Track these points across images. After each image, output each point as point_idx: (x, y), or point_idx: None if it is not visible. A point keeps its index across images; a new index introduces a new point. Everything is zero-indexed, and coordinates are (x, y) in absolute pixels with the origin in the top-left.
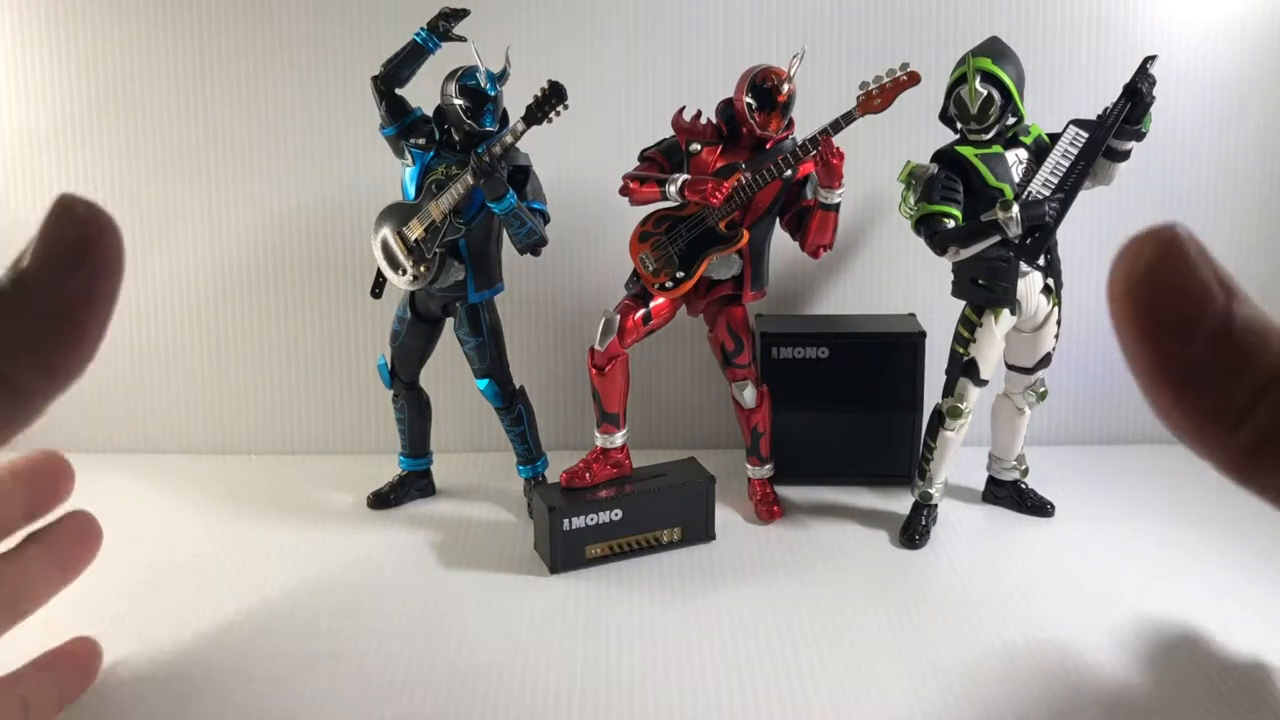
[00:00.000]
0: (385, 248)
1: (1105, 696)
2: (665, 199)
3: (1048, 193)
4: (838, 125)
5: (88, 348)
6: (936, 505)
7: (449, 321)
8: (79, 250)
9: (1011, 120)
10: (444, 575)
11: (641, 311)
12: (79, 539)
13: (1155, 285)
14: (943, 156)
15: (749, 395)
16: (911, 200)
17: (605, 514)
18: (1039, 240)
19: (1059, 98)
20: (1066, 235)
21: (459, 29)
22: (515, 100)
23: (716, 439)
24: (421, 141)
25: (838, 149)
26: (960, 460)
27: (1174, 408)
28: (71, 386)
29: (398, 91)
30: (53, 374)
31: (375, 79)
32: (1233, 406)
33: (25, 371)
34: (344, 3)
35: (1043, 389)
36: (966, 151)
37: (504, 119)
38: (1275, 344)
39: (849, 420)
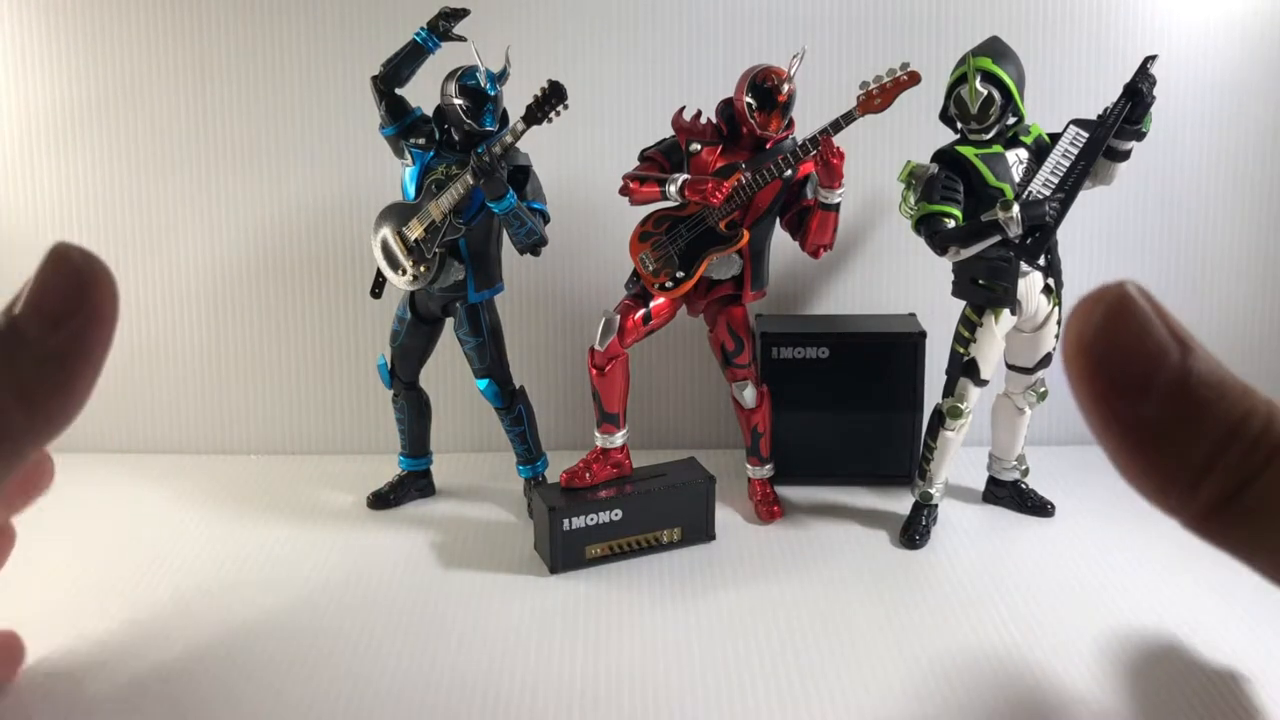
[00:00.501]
0: (385, 248)
1: (1106, 696)
2: (665, 199)
3: (1048, 192)
4: (838, 125)
5: (80, 394)
6: (937, 505)
7: (449, 321)
8: (73, 298)
9: (1012, 120)
10: (444, 575)
11: (641, 311)
12: (27, 475)
13: (1107, 345)
14: (943, 156)
15: (749, 395)
16: (911, 200)
17: (605, 514)
18: (1039, 240)
19: (1059, 98)
20: (1067, 235)
21: (459, 29)
22: (515, 100)
23: (716, 439)
24: (421, 141)
25: (838, 149)
26: (960, 460)
27: (1132, 466)
28: (62, 433)
29: (398, 91)
30: (45, 419)
31: (375, 79)
32: (1192, 464)
33: (17, 416)
34: (344, 3)
35: (1043, 389)
36: (967, 151)
37: (504, 119)
38: (1232, 397)
39: (849, 420)
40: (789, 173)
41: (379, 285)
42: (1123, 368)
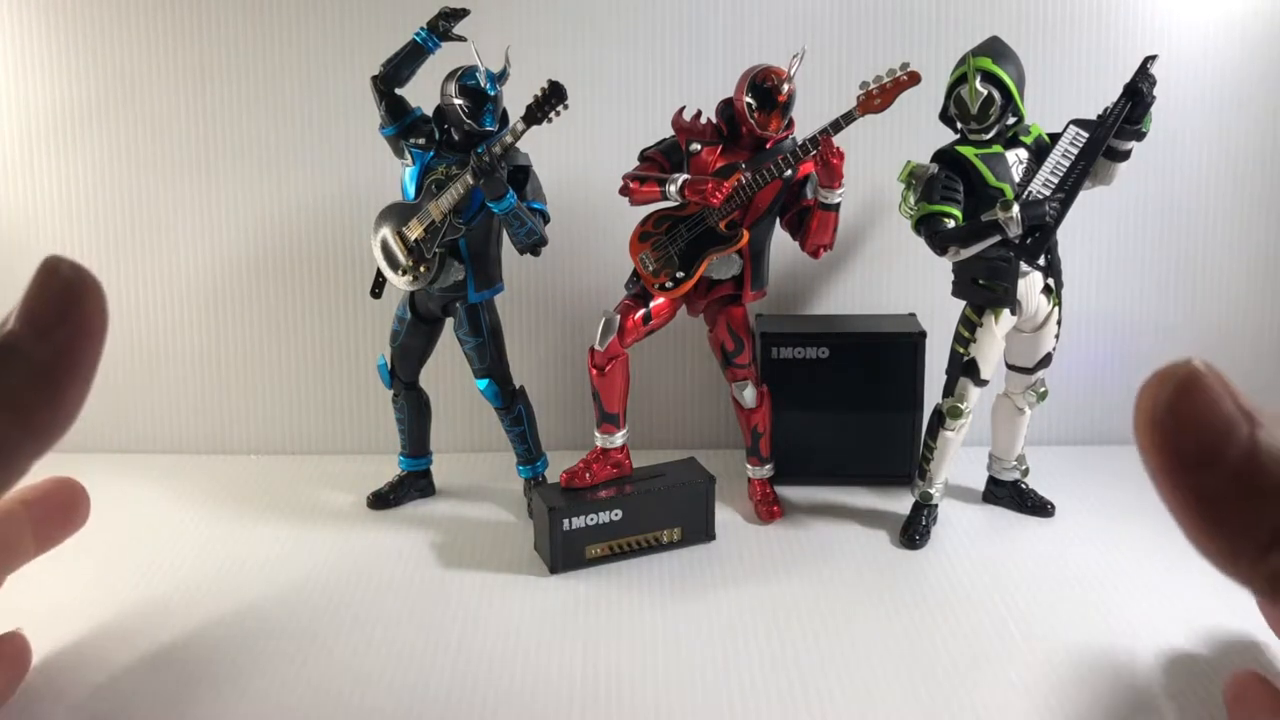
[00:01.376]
0: (385, 248)
1: (1106, 697)
2: (665, 199)
3: (1048, 192)
4: (838, 125)
5: (69, 407)
6: (937, 505)
7: (449, 321)
8: (62, 309)
9: (1012, 120)
10: (444, 575)
11: (641, 311)
12: (64, 509)
13: (1177, 419)
14: (943, 156)
15: (749, 395)
16: (911, 200)
17: (605, 514)
18: (1039, 240)
19: (1059, 98)
20: (1067, 235)
21: (459, 29)
22: (515, 100)
23: (716, 439)
24: (421, 141)
25: (838, 149)
26: (960, 460)
27: (1201, 535)
28: (53, 445)
29: (397, 91)
30: (36, 432)
31: (375, 79)
32: (1259, 536)
33: (8, 429)
34: (344, 3)
35: (1043, 389)
36: (967, 151)
37: (504, 119)
38: None
39: (849, 420)
40: (789, 173)
41: (379, 285)
42: (1192, 441)
